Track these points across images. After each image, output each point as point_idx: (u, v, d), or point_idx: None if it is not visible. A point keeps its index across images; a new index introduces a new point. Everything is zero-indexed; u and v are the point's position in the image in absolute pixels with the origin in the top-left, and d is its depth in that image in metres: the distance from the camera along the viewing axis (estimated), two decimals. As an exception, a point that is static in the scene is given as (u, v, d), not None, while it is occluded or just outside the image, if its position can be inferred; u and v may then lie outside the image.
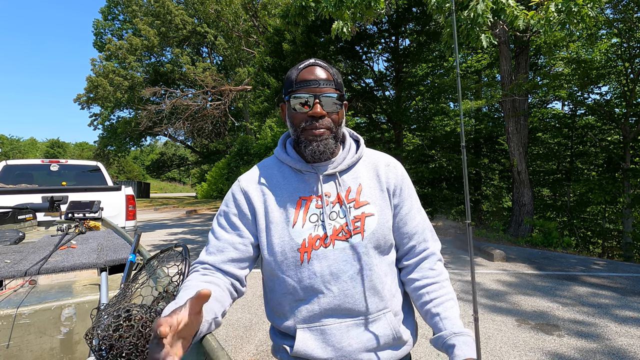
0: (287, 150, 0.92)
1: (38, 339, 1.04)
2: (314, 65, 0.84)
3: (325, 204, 0.84)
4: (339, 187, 0.86)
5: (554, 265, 5.55)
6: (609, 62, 9.58)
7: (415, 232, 0.91)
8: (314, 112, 0.81)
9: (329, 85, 0.83)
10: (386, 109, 11.95)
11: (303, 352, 0.81)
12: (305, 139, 0.84)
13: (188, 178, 54.66)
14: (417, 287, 0.88)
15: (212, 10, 22.38)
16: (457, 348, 0.76)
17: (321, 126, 0.83)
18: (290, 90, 0.84)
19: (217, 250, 0.85)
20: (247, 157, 18.61)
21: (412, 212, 0.92)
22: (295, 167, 0.88)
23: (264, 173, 0.91)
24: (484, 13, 4.07)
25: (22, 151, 46.46)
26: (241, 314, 3.54)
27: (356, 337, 0.81)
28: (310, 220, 0.84)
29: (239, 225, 0.87)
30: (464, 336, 0.78)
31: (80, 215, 2.63)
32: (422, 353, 2.71)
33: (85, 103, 25.00)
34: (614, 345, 2.85)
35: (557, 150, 12.25)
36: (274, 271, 0.86)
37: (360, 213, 0.85)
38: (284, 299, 0.85)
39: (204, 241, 7.79)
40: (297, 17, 5.42)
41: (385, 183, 0.90)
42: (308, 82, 0.82)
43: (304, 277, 0.82)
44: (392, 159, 0.96)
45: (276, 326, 0.88)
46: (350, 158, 0.90)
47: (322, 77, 0.83)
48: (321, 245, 0.82)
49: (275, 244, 0.84)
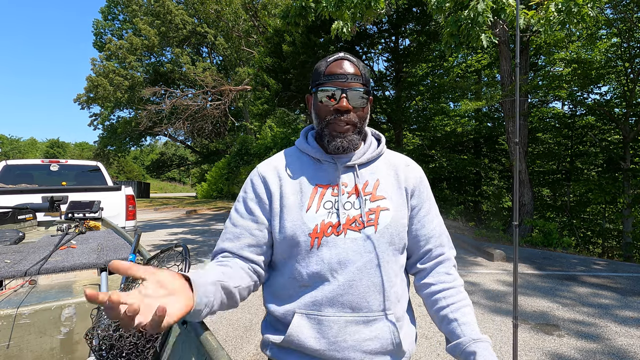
0: (309, 140, 0.92)
1: (38, 339, 1.04)
2: (343, 59, 0.84)
3: (341, 193, 0.84)
4: (357, 178, 0.86)
5: (554, 265, 5.55)
6: (609, 62, 9.57)
7: (432, 235, 0.90)
8: (340, 106, 0.81)
9: (356, 80, 0.82)
10: (386, 108, 11.95)
11: (296, 339, 0.79)
12: (329, 134, 0.84)
13: (188, 178, 54.65)
14: (432, 292, 0.86)
15: (212, 10, 22.40)
16: (479, 355, 0.73)
17: (346, 121, 0.83)
18: (317, 82, 0.85)
19: (234, 237, 0.85)
20: (247, 157, 18.61)
21: (430, 215, 0.91)
22: (315, 157, 0.88)
23: (282, 160, 0.91)
24: (484, 12, 4.07)
25: (22, 151, 46.47)
26: (241, 314, 3.54)
27: (353, 334, 0.79)
28: (324, 207, 0.83)
29: (255, 210, 0.86)
30: (484, 342, 0.76)
31: (80, 215, 2.63)
32: (422, 353, 2.71)
33: (85, 103, 24.99)
34: (614, 345, 2.85)
35: (557, 150, 12.25)
36: (283, 254, 0.85)
37: (375, 206, 0.84)
38: (289, 283, 0.84)
39: (205, 241, 7.79)
40: (297, 18, 5.42)
41: (404, 182, 0.90)
42: (337, 76, 0.82)
43: (312, 263, 0.81)
44: (411, 161, 0.96)
45: (273, 311, 0.85)
46: (370, 153, 0.90)
47: (350, 72, 0.82)
48: (332, 233, 0.81)
49: (287, 227, 0.83)
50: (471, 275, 4.89)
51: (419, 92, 12.40)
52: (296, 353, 0.82)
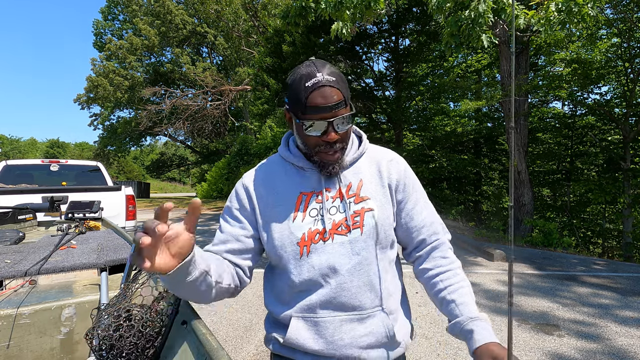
0: (290, 148, 0.93)
1: (38, 339, 1.04)
2: (323, 86, 0.77)
3: (325, 199, 0.85)
4: (340, 182, 0.87)
5: (554, 265, 5.55)
6: (609, 62, 9.57)
7: (423, 225, 0.91)
8: (329, 139, 0.79)
9: (340, 107, 0.79)
10: (386, 108, 11.95)
11: (295, 341, 0.82)
12: (320, 161, 0.84)
13: (188, 178, 54.61)
14: (430, 277, 0.89)
15: (212, 10, 22.40)
16: (477, 333, 0.75)
17: (336, 149, 0.83)
18: (300, 112, 0.79)
19: (220, 242, 0.88)
20: (247, 157, 18.60)
21: (418, 207, 0.92)
22: (298, 165, 0.89)
23: (266, 170, 0.93)
24: (485, 13, 4.07)
25: (22, 151, 46.48)
26: (241, 314, 3.54)
27: (348, 332, 0.82)
28: (310, 215, 0.85)
29: (241, 218, 0.89)
30: (481, 321, 0.78)
31: (80, 215, 2.63)
32: (422, 353, 2.71)
33: (85, 103, 24.99)
34: (614, 345, 2.84)
35: (557, 150, 12.25)
36: (275, 264, 0.89)
37: (360, 208, 0.85)
38: (285, 289, 0.87)
39: (205, 241, 7.80)
40: (297, 18, 5.42)
41: (386, 179, 0.90)
42: (321, 109, 0.77)
43: (304, 271, 0.83)
44: (394, 155, 0.96)
45: (274, 314, 0.89)
46: (352, 154, 0.91)
47: (334, 100, 0.77)
48: (320, 240, 0.83)
49: (275, 237, 0.85)
50: (471, 275, 4.89)
51: (419, 92, 12.41)
52: (297, 351, 0.85)
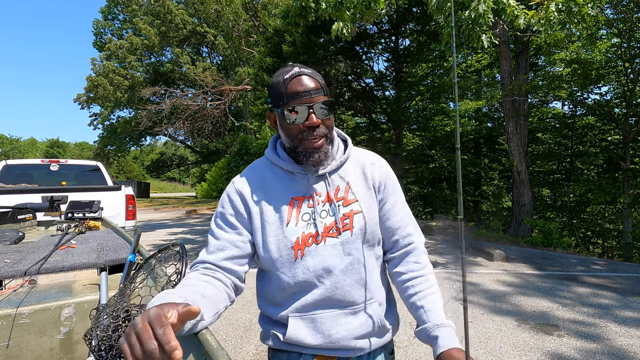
0: (278, 152, 0.95)
1: (38, 338, 1.04)
2: (300, 74, 0.84)
3: (316, 204, 0.88)
4: (329, 186, 0.90)
5: (554, 266, 5.55)
6: (609, 62, 9.57)
7: (398, 226, 0.95)
8: (310, 123, 0.84)
9: (318, 93, 0.84)
10: (386, 108, 11.95)
11: (295, 339, 0.86)
12: (304, 150, 0.87)
13: (188, 178, 54.64)
14: (402, 281, 0.93)
15: (212, 10, 22.41)
16: (441, 339, 0.79)
17: (319, 135, 0.86)
18: (281, 103, 0.85)
19: (217, 249, 0.88)
20: (247, 157, 18.62)
21: (395, 208, 0.95)
22: (287, 169, 0.91)
23: (256, 174, 0.95)
24: (485, 13, 4.07)
25: (22, 151, 46.50)
26: (241, 314, 3.54)
27: (344, 325, 0.86)
28: (302, 219, 0.87)
29: (236, 224, 0.90)
30: (446, 327, 0.82)
31: (80, 215, 2.63)
32: (422, 353, 2.71)
33: (85, 103, 25.00)
34: (614, 345, 2.85)
35: (557, 150, 12.25)
36: (269, 268, 0.89)
37: (348, 210, 0.89)
38: (279, 293, 0.89)
39: (204, 241, 7.79)
40: (297, 18, 5.41)
41: (371, 180, 0.94)
42: (300, 94, 0.83)
43: (298, 273, 0.85)
44: (377, 157, 0.99)
45: (268, 314, 0.92)
46: (338, 158, 0.94)
47: (311, 87, 0.84)
48: (313, 242, 0.86)
49: (270, 242, 0.87)
50: (471, 275, 4.89)
51: (419, 92, 12.40)
52: (297, 346, 0.88)
